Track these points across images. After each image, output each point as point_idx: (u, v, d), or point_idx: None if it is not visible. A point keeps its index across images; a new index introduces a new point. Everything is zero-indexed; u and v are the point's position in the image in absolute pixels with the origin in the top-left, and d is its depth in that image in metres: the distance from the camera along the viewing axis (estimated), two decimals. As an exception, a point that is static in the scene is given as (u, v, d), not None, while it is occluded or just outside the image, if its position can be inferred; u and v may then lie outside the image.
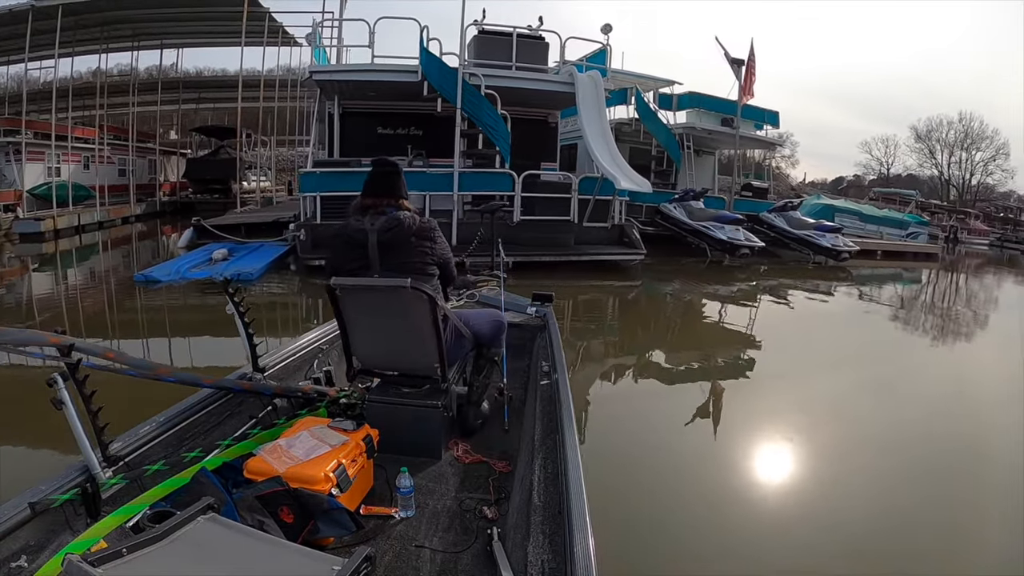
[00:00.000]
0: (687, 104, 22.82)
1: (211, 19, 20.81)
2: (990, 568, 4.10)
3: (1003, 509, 4.88)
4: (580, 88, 14.31)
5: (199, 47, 25.28)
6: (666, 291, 14.36)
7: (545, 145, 17.12)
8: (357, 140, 15.06)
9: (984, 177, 59.05)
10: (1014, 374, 9.35)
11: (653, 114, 20.03)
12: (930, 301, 17.45)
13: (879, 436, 6.20)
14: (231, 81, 25.71)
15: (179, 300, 10.47)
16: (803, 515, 4.55)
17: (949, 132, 59.77)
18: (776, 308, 14.00)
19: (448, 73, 12.89)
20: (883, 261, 22.93)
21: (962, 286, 21.11)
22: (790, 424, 6.32)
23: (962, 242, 36.75)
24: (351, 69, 13.56)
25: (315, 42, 14.79)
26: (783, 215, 20.84)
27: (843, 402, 7.28)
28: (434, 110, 13.58)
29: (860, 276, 18.92)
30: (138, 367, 2.64)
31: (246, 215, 17.32)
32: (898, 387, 8.21)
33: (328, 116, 15.18)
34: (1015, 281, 24.48)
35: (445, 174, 13.40)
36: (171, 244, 17.39)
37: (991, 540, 4.47)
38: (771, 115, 24.08)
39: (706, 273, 16.60)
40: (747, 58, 20.90)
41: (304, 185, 13.26)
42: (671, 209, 18.72)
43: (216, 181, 25.67)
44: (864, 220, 26.65)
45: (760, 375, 8.31)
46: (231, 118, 27.12)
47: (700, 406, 6.87)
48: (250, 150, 25.93)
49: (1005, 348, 11.78)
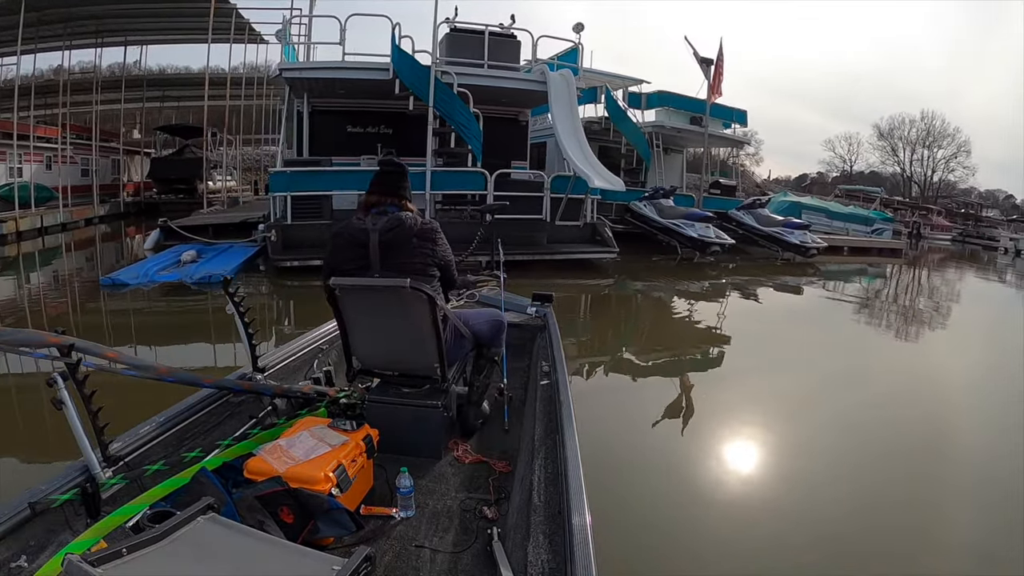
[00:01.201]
0: (656, 103, 22.96)
1: (177, 15, 20.40)
2: (954, 550, 4.29)
3: (963, 494, 5.14)
4: (552, 87, 14.31)
5: (164, 44, 24.81)
6: (640, 289, 14.46)
7: (516, 144, 17.13)
8: (326, 139, 14.92)
9: (946, 174, 60.38)
10: (973, 364, 9.91)
11: (623, 113, 20.12)
12: (895, 296, 17.81)
13: (855, 425, 6.42)
14: (196, 79, 25.35)
15: (145, 304, 10.23)
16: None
17: (911, 130, 61.07)
18: (752, 304, 14.18)
19: (420, 71, 12.81)
20: (850, 257, 23.34)
21: (925, 281, 21.53)
22: (782, 421, 6.42)
23: (925, 237, 37.46)
24: (322, 66, 13.42)
25: (285, 39, 14.59)
26: (752, 212, 21.08)
27: (841, 397, 7.46)
28: (405, 108, 13.51)
29: (828, 272, 19.31)
30: (138, 367, 2.63)
31: (213, 216, 17.03)
32: (866, 378, 8.52)
33: (297, 114, 14.98)
34: (976, 275, 25.07)
35: (417, 173, 13.23)
36: (136, 246, 17.10)
37: (953, 522, 4.69)
38: (739, 114, 24.37)
39: (678, 270, 16.73)
40: (716, 57, 21.11)
41: (274, 185, 13.10)
42: (641, 207, 18.81)
43: (181, 181, 25.24)
44: (830, 217, 27.04)
45: (749, 371, 8.44)
46: (196, 116, 26.73)
47: (699, 404, 6.95)
48: (215, 149, 25.54)
49: (965, 339, 12.34)
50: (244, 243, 13.95)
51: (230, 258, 12.58)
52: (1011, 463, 5.76)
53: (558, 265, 13.67)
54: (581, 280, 13.57)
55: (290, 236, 12.29)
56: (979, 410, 7.47)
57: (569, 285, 12.96)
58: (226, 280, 3.37)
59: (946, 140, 59.54)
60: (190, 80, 27.45)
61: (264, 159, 29.76)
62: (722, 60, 21.17)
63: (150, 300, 10.31)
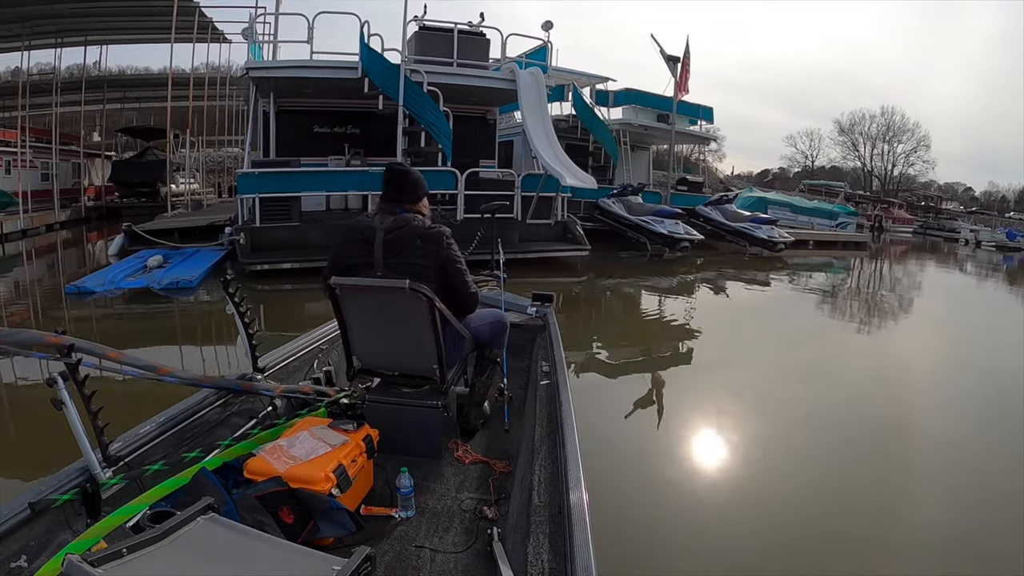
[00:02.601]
0: (623, 101, 23.13)
1: (139, 14, 19.90)
2: (921, 529, 4.48)
3: (929, 475, 5.37)
4: (522, 85, 14.33)
5: (125, 44, 24.31)
6: (611, 285, 14.53)
7: (484, 142, 17.19)
8: (293, 139, 14.77)
9: (906, 168, 61.77)
10: (936, 351, 10.40)
11: (591, 111, 20.18)
12: (860, 287, 18.29)
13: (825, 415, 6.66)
14: (157, 79, 24.90)
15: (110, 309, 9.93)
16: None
17: (871, 125, 62.41)
18: (725, 299, 14.44)
19: (390, 70, 12.71)
20: (815, 251, 23.73)
21: (889, 273, 22.09)
22: (772, 417, 6.51)
23: (887, 230, 38.12)
24: (289, 65, 13.21)
25: (251, 37, 14.34)
26: (719, 208, 21.35)
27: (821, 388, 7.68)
28: (373, 108, 13.35)
29: (795, 265, 19.58)
30: (138, 367, 2.62)
31: (178, 219, 16.74)
32: (835, 369, 8.85)
33: (263, 115, 14.77)
34: (938, 267, 25.64)
35: (385, 173, 13.14)
36: (99, 252, 16.74)
37: (920, 503, 4.88)
38: (706, 111, 24.61)
39: (648, 267, 16.86)
40: (683, 55, 21.27)
41: (242, 186, 12.81)
42: (610, 204, 18.92)
43: (143, 184, 24.75)
44: (795, 212, 27.43)
45: (740, 366, 8.58)
46: (157, 118, 26.26)
47: (695, 402, 7.01)
48: (176, 151, 25.14)
49: (928, 329, 12.83)
50: (211, 247, 13.69)
51: (197, 263, 12.29)
52: (975, 445, 6.14)
53: (530, 263, 13.63)
54: (553, 278, 13.57)
55: (259, 239, 12.11)
56: (941, 394, 7.88)
57: (544, 284, 12.95)
58: (226, 280, 3.34)
59: (906, 135, 60.98)
60: (151, 81, 26.93)
61: (227, 160, 29.35)
62: (689, 58, 21.37)
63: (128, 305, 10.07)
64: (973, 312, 15.73)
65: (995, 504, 4.86)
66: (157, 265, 11.84)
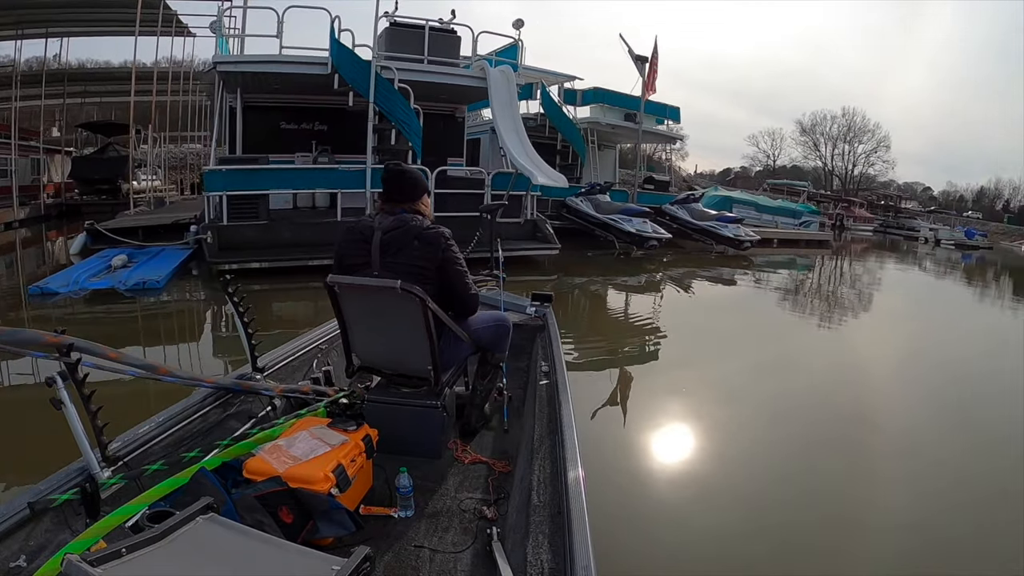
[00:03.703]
0: (591, 99, 23.28)
1: (102, 6, 19.47)
2: (882, 514, 4.61)
3: (889, 463, 5.60)
4: (493, 83, 14.32)
5: (88, 36, 23.81)
6: (580, 284, 14.54)
7: (452, 140, 17.08)
8: (260, 136, 14.58)
9: (866, 168, 63.10)
10: (896, 347, 10.75)
11: (559, 109, 20.27)
12: (823, 284, 18.85)
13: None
14: (120, 73, 24.43)
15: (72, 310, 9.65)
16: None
17: (833, 126, 63.63)
18: (696, 296, 14.65)
19: (360, 66, 12.56)
20: (780, 248, 24.15)
21: (851, 270, 22.63)
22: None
23: (848, 229, 38.83)
24: (258, 60, 12.95)
25: (219, 31, 14.08)
26: (685, 207, 21.54)
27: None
28: (342, 104, 13.21)
29: (760, 263, 19.91)
30: (138, 367, 2.61)
31: (142, 217, 16.38)
32: (800, 362, 9.19)
33: (229, 110, 14.56)
34: (897, 264, 26.25)
35: (357, 171, 13.08)
36: (59, 251, 16.36)
37: (881, 490, 5.05)
38: (672, 110, 24.79)
39: (616, 265, 16.96)
40: (651, 55, 21.40)
41: (209, 184, 12.58)
42: (578, 203, 18.98)
43: (104, 181, 24.22)
44: (760, 210, 27.79)
45: (725, 365, 8.69)
46: (119, 113, 25.78)
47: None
48: (138, 147, 24.67)
49: (889, 324, 13.33)
50: (176, 246, 13.44)
51: (163, 262, 12.02)
52: (932, 434, 6.46)
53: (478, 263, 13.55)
54: (523, 277, 13.54)
55: (227, 237, 11.85)
56: (900, 385, 8.31)
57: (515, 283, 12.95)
58: (226, 280, 3.37)
59: (866, 135, 62.35)
60: (114, 75, 26.38)
61: (190, 157, 28.90)
62: (657, 58, 21.50)
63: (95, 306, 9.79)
64: (933, 307, 16.40)
65: (952, 489, 5.08)
66: (121, 265, 11.55)
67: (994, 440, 6.31)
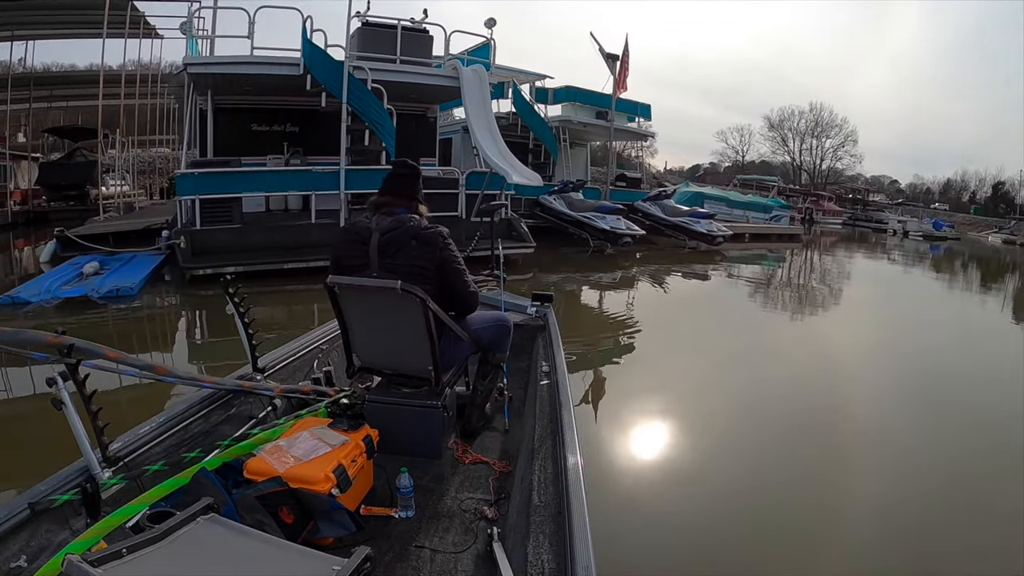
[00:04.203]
0: (563, 98, 23.33)
1: (70, 8, 19.06)
2: (852, 500, 4.80)
3: (859, 450, 5.79)
4: (465, 82, 14.29)
5: (54, 39, 23.37)
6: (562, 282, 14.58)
7: (425, 140, 16.97)
8: (231, 138, 14.39)
9: (834, 162, 63.85)
10: (866, 337, 11.02)
11: (531, 108, 20.28)
12: (796, 278, 19.13)
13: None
14: (88, 77, 23.89)
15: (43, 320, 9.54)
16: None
17: (800, 121, 64.32)
18: (673, 291, 14.90)
19: (333, 66, 12.47)
20: (752, 243, 24.44)
21: (821, 263, 22.91)
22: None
23: (818, 222, 39.27)
24: (230, 61, 12.76)
25: (189, 32, 13.87)
26: (658, 204, 21.68)
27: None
28: (314, 105, 13.06)
29: (733, 258, 20.13)
30: (138, 367, 2.60)
31: (112, 223, 16.10)
32: (776, 354, 9.42)
33: (200, 113, 14.31)
34: (867, 256, 26.66)
35: (330, 172, 12.99)
36: (28, 259, 16.09)
37: (850, 475, 5.26)
38: (643, 108, 24.89)
39: (591, 262, 17.05)
40: (622, 53, 21.51)
41: (181, 188, 12.41)
42: (551, 201, 19.02)
43: (72, 187, 23.79)
44: (731, 206, 28.08)
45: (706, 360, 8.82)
46: (86, 117, 25.34)
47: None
48: (106, 152, 24.27)
49: (859, 315, 13.71)
50: (149, 252, 13.18)
51: (136, 268, 11.78)
52: (901, 422, 6.62)
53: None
54: (499, 275, 13.60)
55: (200, 242, 11.73)
56: (872, 374, 8.53)
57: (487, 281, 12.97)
58: (226, 281, 3.35)
59: (834, 130, 63.18)
60: (81, 78, 25.86)
61: (158, 161, 28.49)
62: (628, 56, 21.61)
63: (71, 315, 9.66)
64: (903, 298, 16.79)
65: (920, 475, 5.26)
66: (93, 272, 11.32)
67: (960, 427, 6.49)
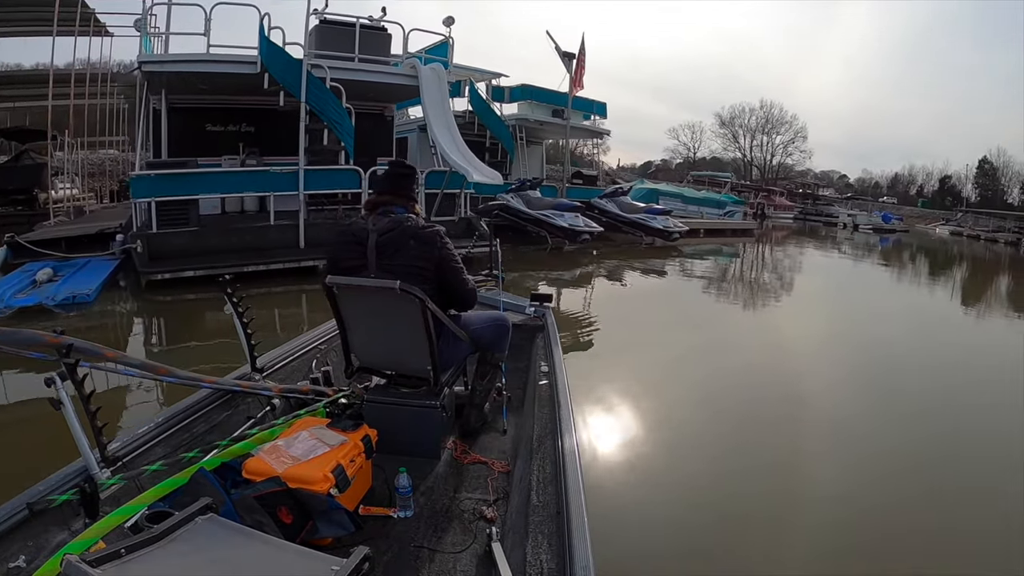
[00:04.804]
0: (519, 96, 23.42)
1: (15, 4, 18.40)
2: (812, 486, 4.96)
3: (818, 438, 5.95)
4: (424, 81, 14.25)
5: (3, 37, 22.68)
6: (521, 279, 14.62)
7: (382, 139, 16.93)
8: (185, 139, 14.11)
9: (784, 158, 64.95)
10: (819, 328, 11.45)
11: (487, 106, 20.31)
12: (750, 271, 19.70)
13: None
14: (36, 76, 23.23)
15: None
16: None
17: (751, 118, 65.36)
18: (642, 286, 15.22)
19: (291, 65, 12.30)
20: (707, 238, 24.85)
21: (774, 257, 23.44)
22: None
23: (770, 217, 39.92)
24: (186, 59, 12.48)
25: (143, 29, 13.52)
26: (614, 201, 21.86)
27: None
28: (272, 104, 12.89)
29: (690, 253, 20.49)
30: (137, 367, 2.62)
31: (64, 228, 15.69)
32: (732, 346, 9.61)
33: (153, 112, 14.06)
34: (817, 249, 27.37)
35: (289, 173, 12.77)
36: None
37: (810, 464, 5.40)
38: (599, 106, 25.09)
39: (550, 260, 17.14)
40: (578, 51, 21.63)
41: (137, 190, 12.08)
42: (508, 199, 19.02)
43: (20, 191, 23.14)
44: (685, 202, 28.47)
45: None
46: (33, 118, 24.62)
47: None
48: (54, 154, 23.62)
49: (813, 306, 14.20)
50: (103, 256, 12.83)
51: (91, 274, 11.44)
52: (854, 409, 6.86)
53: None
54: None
55: (157, 245, 11.45)
56: (827, 365, 8.79)
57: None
58: (225, 281, 3.32)
59: (784, 126, 64.32)
60: (29, 78, 25.11)
61: (107, 163, 27.87)
62: (584, 54, 21.76)
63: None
64: (854, 290, 17.35)
65: (874, 461, 5.46)
66: (47, 279, 10.94)
67: (912, 414, 6.73)
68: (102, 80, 22.92)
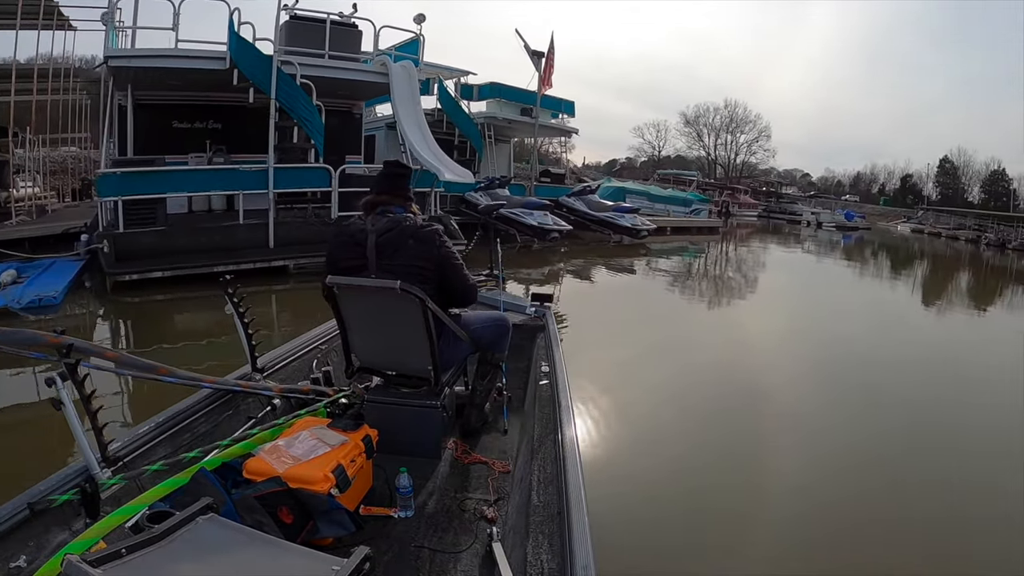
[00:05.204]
0: (488, 94, 23.45)
1: None
2: (772, 475, 5.13)
3: (778, 429, 6.10)
4: (394, 79, 14.15)
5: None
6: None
7: (351, 137, 16.78)
8: (152, 136, 13.86)
9: (748, 156, 65.57)
10: (784, 324, 11.75)
11: (456, 104, 20.28)
12: (715, 268, 20.03)
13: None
14: (-2, 71, 22.77)
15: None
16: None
17: (716, 117, 65.97)
18: (611, 284, 15.42)
19: (261, 61, 12.14)
20: (673, 236, 25.14)
21: (739, 254, 23.79)
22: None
23: (734, 215, 40.38)
24: (154, 54, 12.21)
25: (110, 23, 13.22)
26: (583, 199, 21.97)
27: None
28: (240, 101, 12.74)
29: (657, 250, 20.70)
30: (137, 367, 2.61)
31: (25, 228, 15.35)
32: (698, 340, 9.91)
33: (119, 109, 13.72)
34: (781, 246, 27.80)
35: (258, 171, 12.53)
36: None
37: (770, 456, 5.55)
38: (568, 104, 25.24)
39: (519, 258, 17.03)
40: (547, 50, 21.68)
41: (103, 188, 11.82)
42: (477, 198, 19.03)
43: (-21, 191, 22.58)
44: (652, 200, 28.65)
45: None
46: (-6, 114, 24.04)
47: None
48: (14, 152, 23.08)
49: (777, 302, 14.53)
50: (68, 257, 12.51)
51: (56, 276, 10.98)
52: (816, 404, 7.04)
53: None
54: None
55: (124, 245, 11.07)
56: (790, 361, 9.00)
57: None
58: (225, 281, 3.31)
59: (748, 126, 64.96)
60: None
61: (69, 161, 27.33)
62: (553, 53, 21.81)
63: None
64: (817, 286, 17.77)
65: (834, 455, 5.61)
66: (11, 281, 10.56)
67: (869, 409, 6.88)
68: (64, 75, 22.43)
